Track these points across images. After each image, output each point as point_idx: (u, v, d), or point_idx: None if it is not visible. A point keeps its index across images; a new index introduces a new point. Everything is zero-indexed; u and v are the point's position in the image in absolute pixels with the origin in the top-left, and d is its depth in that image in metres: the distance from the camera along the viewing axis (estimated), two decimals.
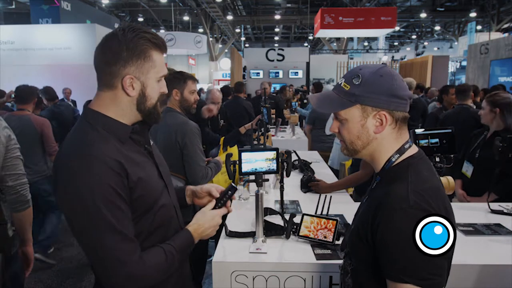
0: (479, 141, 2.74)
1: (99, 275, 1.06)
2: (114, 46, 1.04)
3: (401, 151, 1.02)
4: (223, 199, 1.28)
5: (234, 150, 2.52)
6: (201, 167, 2.30)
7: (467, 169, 2.78)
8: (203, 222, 1.21)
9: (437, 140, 2.22)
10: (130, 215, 1.04)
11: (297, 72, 14.63)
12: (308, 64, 14.78)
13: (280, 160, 1.72)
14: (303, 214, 1.83)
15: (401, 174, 0.98)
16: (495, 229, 1.93)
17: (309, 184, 2.61)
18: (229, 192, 1.28)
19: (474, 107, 4.15)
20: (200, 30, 22.88)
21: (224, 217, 1.32)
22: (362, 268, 1.02)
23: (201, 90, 11.70)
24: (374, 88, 0.97)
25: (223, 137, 3.37)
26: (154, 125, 1.23)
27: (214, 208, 1.26)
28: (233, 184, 1.28)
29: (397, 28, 22.45)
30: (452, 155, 2.16)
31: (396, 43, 32.41)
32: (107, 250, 0.98)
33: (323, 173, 3.15)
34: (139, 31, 1.07)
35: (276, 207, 2.26)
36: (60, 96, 5.95)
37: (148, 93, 1.10)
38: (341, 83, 1.03)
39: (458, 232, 1.69)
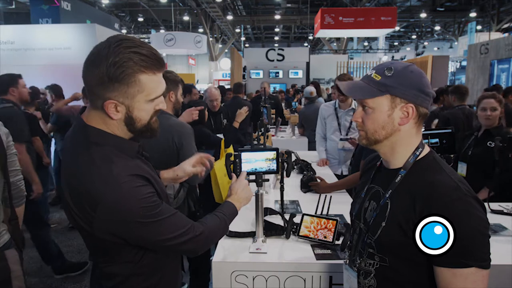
0: (470, 140, 2.81)
1: (182, 251, 1.18)
2: (97, 69, 0.98)
3: (422, 145, 1.06)
4: (237, 167, 1.51)
5: (230, 150, 2.52)
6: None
7: (462, 169, 2.84)
8: (238, 190, 1.42)
9: (437, 140, 2.22)
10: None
11: (297, 72, 14.63)
12: (308, 64, 14.78)
13: (280, 160, 1.72)
14: (303, 214, 1.83)
15: (434, 166, 1.02)
16: (495, 229, 1.93)
17: (309, 184, 2.61)
18: (237, 160, 1.52)
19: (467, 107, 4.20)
20: (200, 30, 22.88)
21: None
22: (400, 264, 1.01)
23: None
24: (405, 81, 1.01)
25: (223, 139, 3.34)
26: None
27: (234, 172, 1.54)
28: (234, 153, 1.52)
29: (397, 28, 22.44)
30: (452, 155, 2.17)
31: (396, 43, 32.40)
32: (176, 234, 1.09)
33: (323, 173, 3.14)
34: (125, 52, 0.97)
35: (276, 207, 2.26)
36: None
37: (136, 116, 1.05)
38: (371, 74, 1.06)
39: None
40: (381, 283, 1.06)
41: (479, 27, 21.22)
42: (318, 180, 2.63)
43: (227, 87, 9.92)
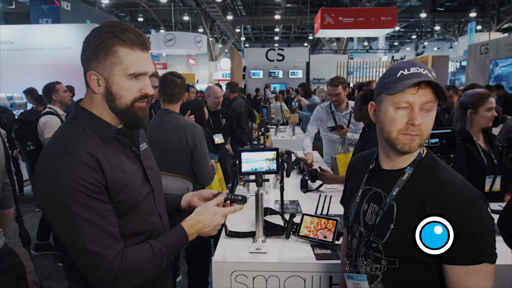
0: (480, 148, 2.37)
1: (84, 273, 0.97)
2: (84, 45, 1.04)
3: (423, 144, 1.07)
4: (232, 199, 1.25)
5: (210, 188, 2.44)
6: (210, 168, 2.38)
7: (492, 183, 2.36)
8: (203, 217, 1.15)
9: (437, 140, 2.22)
10: (108, 207, 0.99)
11: (297, 72, 14.64)
12: (308, 64, 14.79)
13: (280, 160, 1.72)
14: (303, 214, 1.83)
15: (435, 165, 1.04)
16: (495, 229, 1.92)
17: (317, 174, 2.65)
18: (240, 199, 1.26)
19: None
20: (200, 30, 22.88)
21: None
22: (410, 266, 1.00)
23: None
24: (378, 82, 1.08)
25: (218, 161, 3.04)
26: (154, 127, 1.20)
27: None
28: (246, 197, 1.29)
29: (397, 28, 22.44)
30: (452, 155, 2.16)
31: (396, 43, 32.40)
32: (83, 247, 0.93)
33: None
34: (109, 27, 1.02)
35: (276, 207, 2.26)
36: None
37: (115, 91, 1.03)
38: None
39: None
40: (388, 286, 1.04)
41: (479, 27, 21.21)
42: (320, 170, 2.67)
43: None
